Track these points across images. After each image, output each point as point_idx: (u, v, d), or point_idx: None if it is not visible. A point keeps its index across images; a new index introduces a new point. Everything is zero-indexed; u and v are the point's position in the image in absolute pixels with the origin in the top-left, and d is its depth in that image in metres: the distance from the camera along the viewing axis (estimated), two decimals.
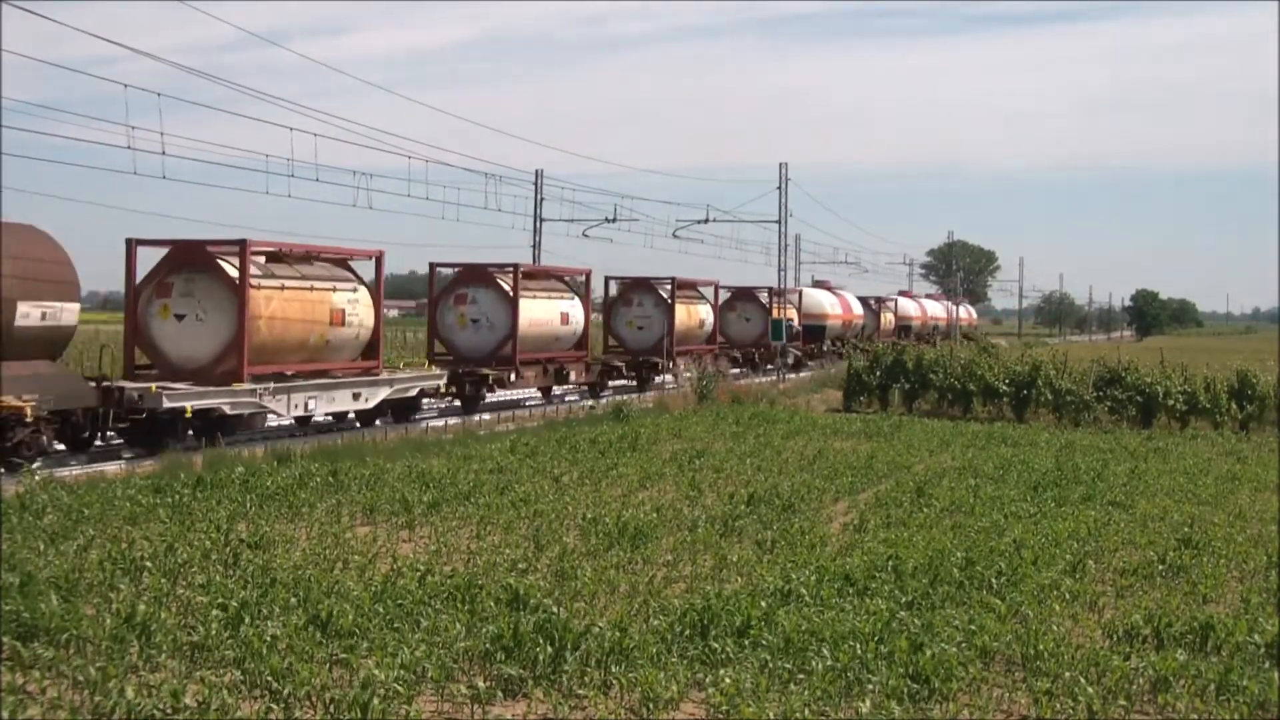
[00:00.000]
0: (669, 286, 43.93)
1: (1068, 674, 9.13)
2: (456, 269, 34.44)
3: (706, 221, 53.72)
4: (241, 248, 23.64)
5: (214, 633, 9.27)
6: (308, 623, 9.67)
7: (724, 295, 52.23)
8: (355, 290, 27.04)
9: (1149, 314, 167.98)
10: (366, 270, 27.93)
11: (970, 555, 13.13)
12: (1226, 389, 34.71)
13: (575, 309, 37.16)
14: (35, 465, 18.54)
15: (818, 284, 69.79)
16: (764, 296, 53.83)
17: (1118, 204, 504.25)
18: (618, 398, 36.59)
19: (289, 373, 25.11)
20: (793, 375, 50.45)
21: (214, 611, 9.77)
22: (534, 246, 48.97)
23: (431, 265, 34.78)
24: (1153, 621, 10.73)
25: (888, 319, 77.38)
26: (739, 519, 15.53)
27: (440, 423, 28.65)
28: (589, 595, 11.29)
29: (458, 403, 32.36)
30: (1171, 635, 10.48)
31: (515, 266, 33.81)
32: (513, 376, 32.97)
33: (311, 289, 25.61)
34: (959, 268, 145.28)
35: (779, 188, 52.98)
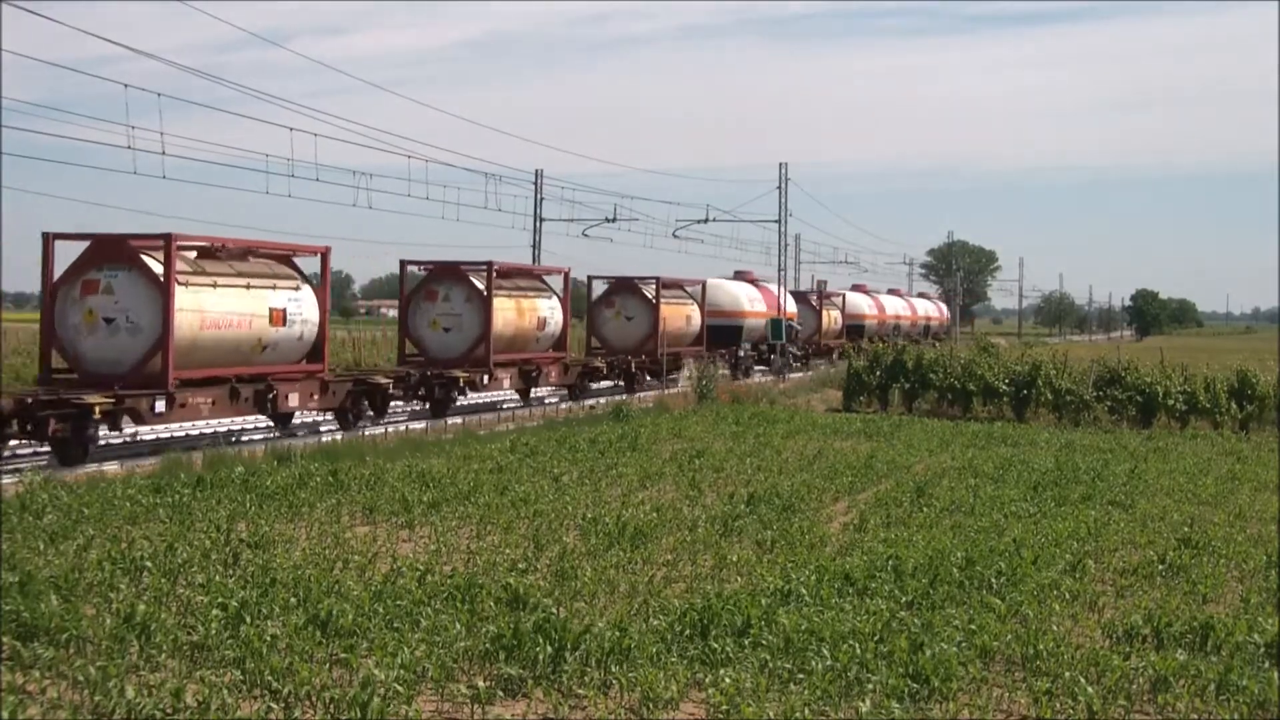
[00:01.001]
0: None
1: (1068, 674, 9.14)
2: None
3: (706, 221, 53.82)
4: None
5: (214, 632, 9.28)
6: (308, 622, 9.67)
7: (599, 287, 43.40)
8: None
9: (1149, 314, 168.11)
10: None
11: (970, 555, 13.12)
12: (1226, 389, 34.71)
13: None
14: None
15: (739, 274, 55.83)
16: (650, 291, 42.54)
17: (1118, 204, 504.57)
18: (601, 400, 36.07)
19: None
20: (670, 390, 39.05)
21: (214, 611, 9.77)
22: (534, 246, 49.02)
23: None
24: (1153, 621, 10.73)
25: (831, 317, 66.61)
26: (739, 519, 15.53)
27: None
28: (589, 595, 11.29)
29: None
30: (1171, 635, 10.48)
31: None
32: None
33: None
34: (959, 268, 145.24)
35: (779, 188, 53.06)
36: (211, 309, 22.79)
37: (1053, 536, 14.84)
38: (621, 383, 40.61)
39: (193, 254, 23.15)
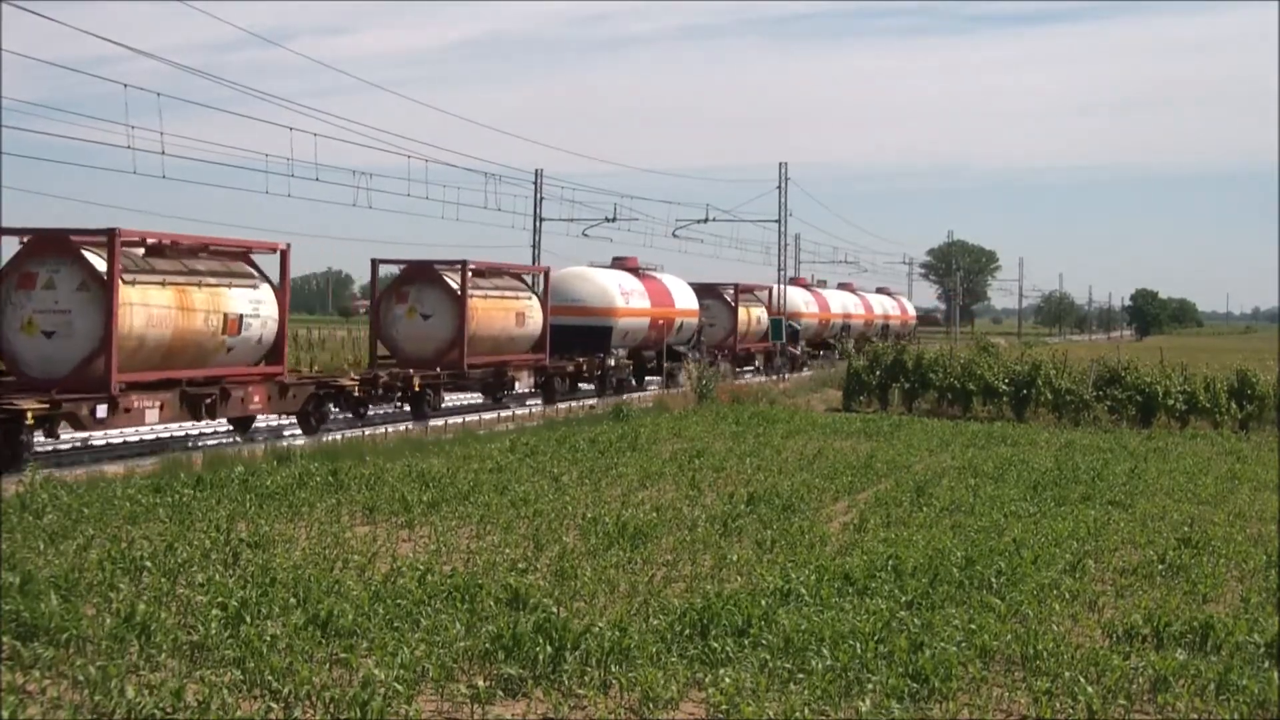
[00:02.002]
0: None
1: (1068, 673, 9.14)
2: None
3: (706, 221, 53.88)
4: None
5: (214, 632, 9.28)
6: (308, 622, 9.67)
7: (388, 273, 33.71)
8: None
9: (1149, 314, 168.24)
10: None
11: (970, 555, 13.13)
12: (1226, 389, 34.72)
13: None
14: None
15: (616, 261, 43.25)
16: (455, 279, 31.98)
17: (1118, 204, 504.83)
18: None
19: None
20: (516, 411, 32.76)
21: (214, 611, 9.77)
22: (534, 246, 49.04)
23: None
24: (1152, 621, 10.74)
25: (752, 317, 52.70)
26: (739, 519, 15.53)
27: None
28: (589, 595, 11.29)
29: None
30: (1171, 635, 10.49)
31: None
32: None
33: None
34: (959, 268, 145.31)
35: (779, 187, 53.18)
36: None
37: (1053, 536, 14.85)
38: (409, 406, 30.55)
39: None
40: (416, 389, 29.53)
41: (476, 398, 34.66)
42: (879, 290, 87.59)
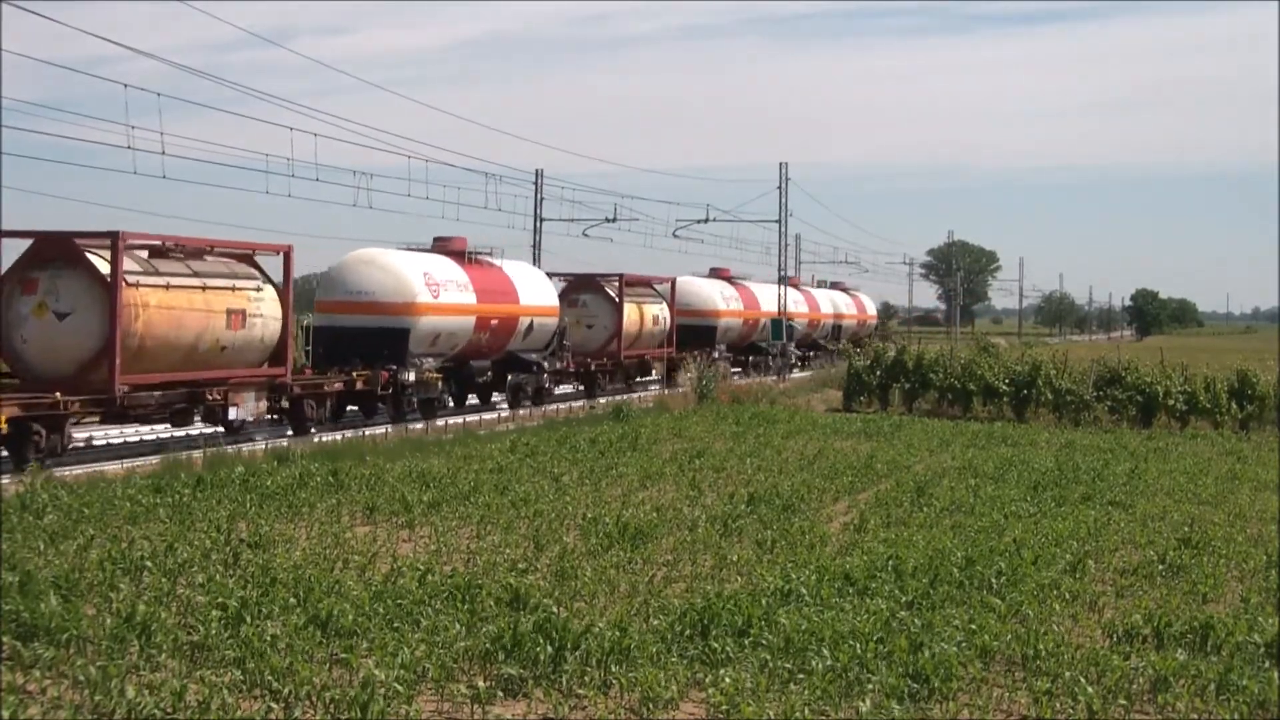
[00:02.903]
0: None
1: (1068, 674, 9.14)
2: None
3: (706, 221, 53.74)
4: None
5: (214, 632, 9.28)
6: (308, 622, 9.67)
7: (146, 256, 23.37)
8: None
9: (1149, 314, 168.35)
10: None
11: (970, 555, 13.13)
12: (1226, 389, 34.73)
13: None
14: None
15: (439, 242, 32.94)
16: (104, 261, 21.76)
17: (1118, 204, 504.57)
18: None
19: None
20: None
21: (214, 611, 9.77)
22: (534, 246, 48.99)
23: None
24: (1153, 621, 10.74)
25: (646, 316, 42.45)
26: (739, 519, 15.53)
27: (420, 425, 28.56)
28: (589, 595, 11.29)
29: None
30: (1171, 635, 10.49)
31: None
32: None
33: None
34: (959, 268, 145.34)
35: (779, 187, 53.11)
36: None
37: (1053, 536, 14.85)
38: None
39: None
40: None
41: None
42: (834, 286, 75.15)
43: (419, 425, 27.66)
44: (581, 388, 39.81)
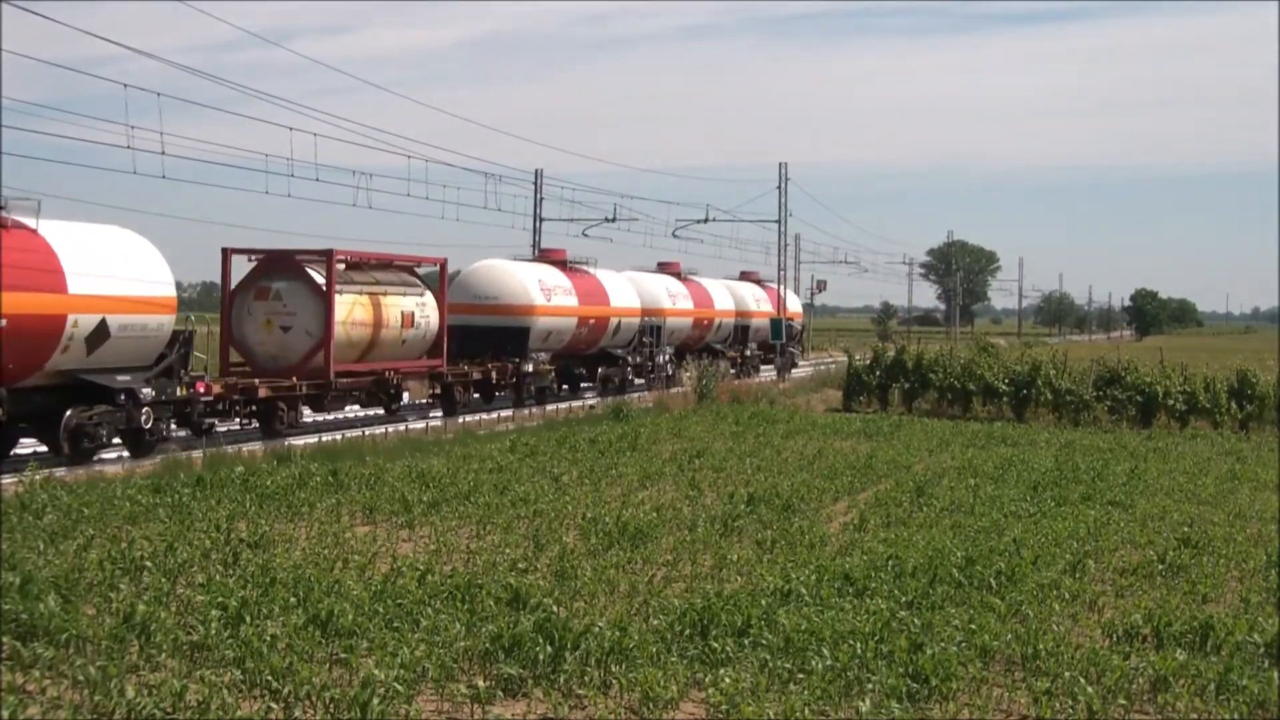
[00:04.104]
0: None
1: (1068, 674, 9.14)
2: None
3: (706, 221, 53.70)
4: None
5: (214, 632, 9.28)
6: (308, 622, 9.67)
7: None
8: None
9: (1149, 314, 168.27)
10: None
11: (970, 555, 13.12)
12: (1226, 389, 34.75)
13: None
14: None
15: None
16: None
17: (1118, 204, 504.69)
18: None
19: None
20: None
21: (214, 611, 9.77)
22: (534, 246, 48.99)
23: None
24: (1152, 621, 10.74)
25: (386, 315, 29.14)
26: (739, 519, 15.53)
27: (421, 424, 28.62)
28: (589, 595, 11.29)
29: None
30: (1171, 635, 10.49)
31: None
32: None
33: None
34: (959, 268, 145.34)
35: (779, 187, 53.09)
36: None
37: (1053, 536, 14.84)
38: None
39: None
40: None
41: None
42: (742, 277, 56.55)
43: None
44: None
